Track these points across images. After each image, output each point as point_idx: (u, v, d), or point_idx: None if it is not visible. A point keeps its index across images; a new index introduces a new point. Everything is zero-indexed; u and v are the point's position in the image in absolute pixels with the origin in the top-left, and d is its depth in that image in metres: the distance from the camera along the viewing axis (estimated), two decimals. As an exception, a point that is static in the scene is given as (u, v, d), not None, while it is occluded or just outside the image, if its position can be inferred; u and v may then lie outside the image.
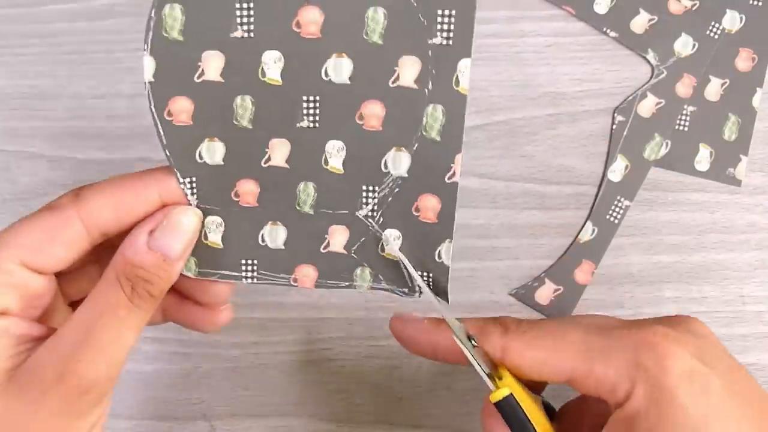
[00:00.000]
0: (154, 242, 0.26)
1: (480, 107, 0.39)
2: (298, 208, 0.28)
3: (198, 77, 0.27)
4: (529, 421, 0.28)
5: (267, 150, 0.28)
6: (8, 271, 0.26)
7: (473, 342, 0.28)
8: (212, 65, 0.27)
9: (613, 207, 0.39)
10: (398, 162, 0.28)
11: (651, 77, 0.39)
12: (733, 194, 0.39)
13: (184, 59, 0.27)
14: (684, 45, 0.39)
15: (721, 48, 0.39)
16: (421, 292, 0.29)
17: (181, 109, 0.27)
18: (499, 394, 0.28)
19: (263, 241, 0.29)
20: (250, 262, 0.29)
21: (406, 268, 0.28)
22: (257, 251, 0.29)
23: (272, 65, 0.27)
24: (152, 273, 0.26)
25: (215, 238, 0.29)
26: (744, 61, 0.39)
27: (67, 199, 0.27)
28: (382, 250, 0.29)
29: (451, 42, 0.26)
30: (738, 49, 0.39)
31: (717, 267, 0.38)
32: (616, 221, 0.39)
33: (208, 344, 0.39)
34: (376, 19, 0.26)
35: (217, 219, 0.29)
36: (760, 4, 0.39)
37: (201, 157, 0.28)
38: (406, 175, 0.28)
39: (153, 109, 0.27)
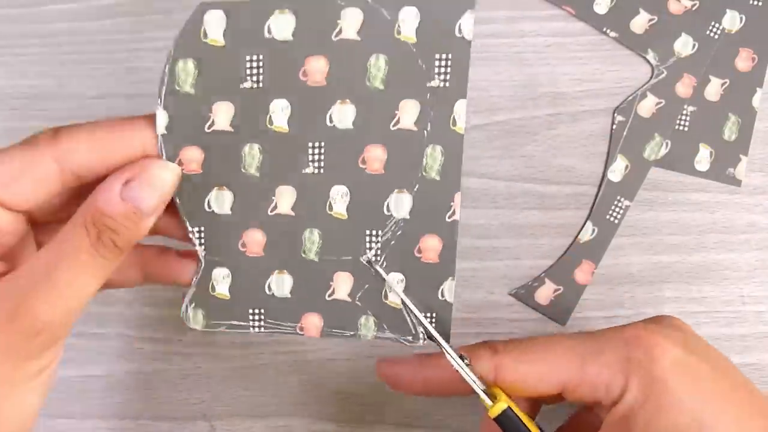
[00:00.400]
0: (128, 192, 0.25)
1: (480, 107, 0.39)
2: (303, 255, 0.29)
3: (209, 127, 0.28)
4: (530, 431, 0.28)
5: (273, 197, 0.29)
6: None
7: (465, 361, 0.29)
8: (222, 115, 0.28)
9: (613, 207, 0.39)
10: (400, 204, 0.28)
11: (651, 77, 0.39)
12: (733, 194, 0.39)
13: (195, 110, 0.28)
14: (684, 45, 0.39)
15: (721, 48, 0.39)
16: (425, 339, 0.29)
17: (192, 158, 0.28)
18: (497, 408, 0.28)
19: (270, 290, 0.29)
20: (257, 311, 0.30)
21: (410, 312, 0.29)
22: (264, 301, 0.29)
23: (279, 113, 0.28)
24: (120, 223, 0.25)
25: (223, 289, 0.29)
26: (744, 61, 0.39)
27: (44, 136, 0.26)
28: (386, 297, 0.29)
29: (448, 84, 0.27)
30: (738, 49, 0.39)
31: (717, 267, 0.38)
32: (616, 221, 0.39)
33: (208, 344, 0.39)
34: (378, 65, 0.27)
35: (225, 271, 0.29)
36: (760, 4, 0.39)
37: (210, 207, 0.29)
38: (408, 217, 0.28)
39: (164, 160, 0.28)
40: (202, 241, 0.29)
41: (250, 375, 0.39)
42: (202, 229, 0.29)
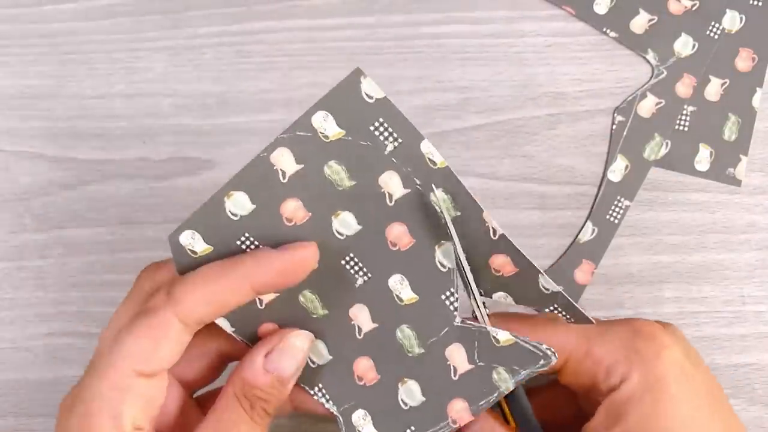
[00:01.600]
0: (270, 365, 0.27)
1: (480, 107, 0.39)
2: (410, 354, 0.29)
3: (261, 304, 0.29)
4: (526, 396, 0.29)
5: (353, 322, 0.29)
6: (128, 386, 0.27)
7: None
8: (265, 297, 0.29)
9: (613, 207, 0.39)
10: (448, 254, 0.29)
11: (651, 77, 0.39)
12: (733, 194, 0.39)
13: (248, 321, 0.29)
14: (684, 45, 0.39)
15: (721, 48, 0.39)
16: (554, 353, 0.28)
17: (268, 330, 0.29)
18: None
19: (405, 404, 0.29)
20: (409, 430, 0.29)
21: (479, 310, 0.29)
22: (408, 417, 0.29)
23: None
24: (268, 392, 0.27)
25: (370, 429, 0.29)
26: (744, 61, 0.39)
27: (160, 301, 0.27)
28: (498, 342, 0.29)
29: (400, 140, 0.28)
30: (738, 49, 0.39)
31: (717, 267, 0.38)
32: (616, 221, 0.39)
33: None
34: (335, 170, 0.28)
35: (360, 412, 0.30)
36: (760, 4, 0.39)
37: (313, 362, 0.29)
38: (464, 254, 0.28)
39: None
40: (327, 397, 0.30)
41: (250, 375, 0.39)
42: (320, 385, 0.30)
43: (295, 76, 0.40)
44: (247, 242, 0.28)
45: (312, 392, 0.30)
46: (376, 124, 0.28)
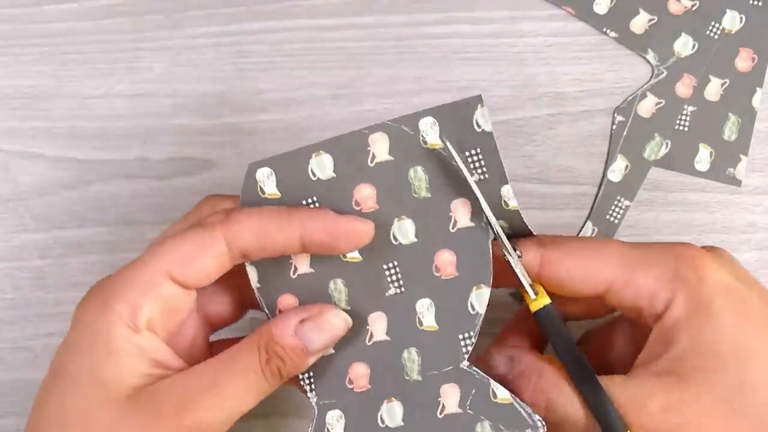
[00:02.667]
0: (301, 331, 0.28)
1: (480, 107, 0.39)
2: (407, 378, 0.29)
3: (293, 273, 0.29)
4: (567, 330, 0.28)
5: (368, 327, 0.29)
6: (157, 284, 0.27)
7: (517, 253, 0.29)
8: (302, 259, 0.29)
9: (613, 207, 0.39)
10: (482, 299, 0.29)
11: (651, 77, 0.39)
12: (733, 194, 0.39)
13: (279, 266, 0.29)
14: (684, 45, 0.39)
15: (721, 48, 0.39)
16: (544, 427, 0.28)
17: (288, 304, 0.29)
18: (540, 302, 0.28)
19: (383, 422, 0.29)
20: None
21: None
22: None
23: None
24: (288, 355, 0.27)
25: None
26: (744, 61, 0.39)
27: (216, 220, 0.28)
28: (495, 396, 0.28)
29: (487, 176, 0.28)
30: (738, 49, 0.39)
31: (717, 267, 0.38)
32: (616, 221, 0.39)
33: (208, 344, 0.39)
34: (419, 176, 0.29)
35: (337, 413, 0.29)
36: (760, 4, 0.39)
37: None
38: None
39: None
40: (313, 387, 0.29)
41: (250, 375, 0.39)
42: (311, 374, 0.29)
43: (295, 76, 0.40)
44: (312, 206, 0.29)
45: (300, 375, 0.29)
46: (473, 152, 0.28)
